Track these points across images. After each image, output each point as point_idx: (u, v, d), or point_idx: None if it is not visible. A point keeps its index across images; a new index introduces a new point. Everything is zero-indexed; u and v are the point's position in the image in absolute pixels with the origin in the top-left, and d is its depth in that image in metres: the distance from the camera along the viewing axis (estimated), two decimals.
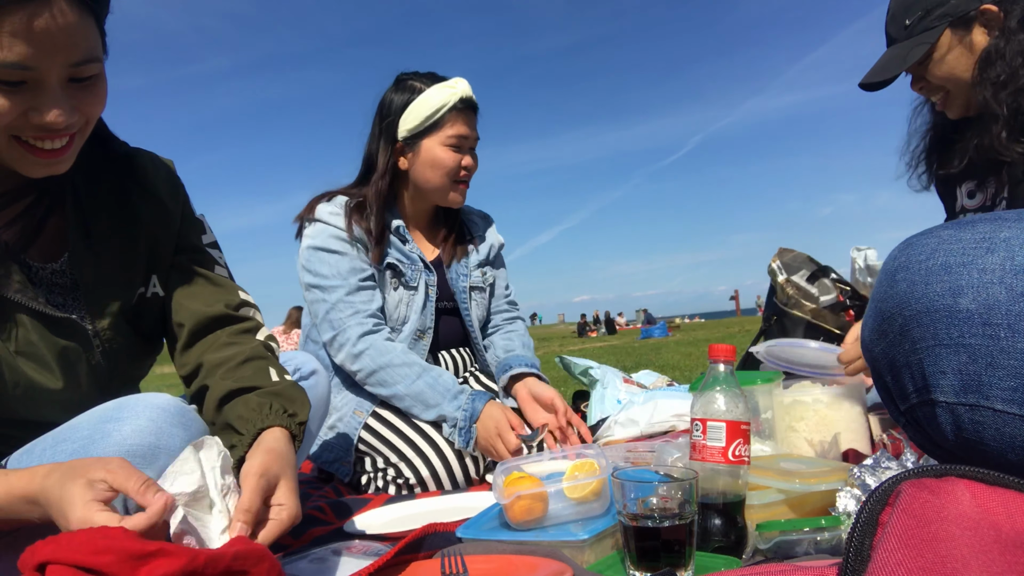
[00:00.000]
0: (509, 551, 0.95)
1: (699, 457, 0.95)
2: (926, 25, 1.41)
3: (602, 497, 1.04)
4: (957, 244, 0.59)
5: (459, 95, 1.72)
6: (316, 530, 1.30)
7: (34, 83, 0.81)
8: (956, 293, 0.57)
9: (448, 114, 1.72)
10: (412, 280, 1.76)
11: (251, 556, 0.72)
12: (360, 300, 1.67)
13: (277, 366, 1.05)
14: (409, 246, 1.79)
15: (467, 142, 1.76)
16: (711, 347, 1.00)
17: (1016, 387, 0.54)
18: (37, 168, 0.88)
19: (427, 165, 1.75)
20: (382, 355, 1.63)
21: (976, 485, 0.51)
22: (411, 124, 1.73)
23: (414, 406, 1.62)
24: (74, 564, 0.65)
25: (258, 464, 0.85)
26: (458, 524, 1.05)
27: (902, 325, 0.60)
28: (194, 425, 0.96)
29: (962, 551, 0.46)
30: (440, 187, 1.77)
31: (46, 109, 0.82)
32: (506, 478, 1.06)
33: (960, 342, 0.57)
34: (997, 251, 0.56)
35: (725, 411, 0.95)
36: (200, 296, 1.09)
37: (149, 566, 0.65)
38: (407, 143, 1.76)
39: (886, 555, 0.47)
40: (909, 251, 0.62)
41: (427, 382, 1.61)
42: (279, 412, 0.93)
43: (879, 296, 0.64)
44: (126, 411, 0.90)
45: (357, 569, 0.87)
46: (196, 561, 0.67)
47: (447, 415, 1.59)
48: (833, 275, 2.48)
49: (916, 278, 0.60)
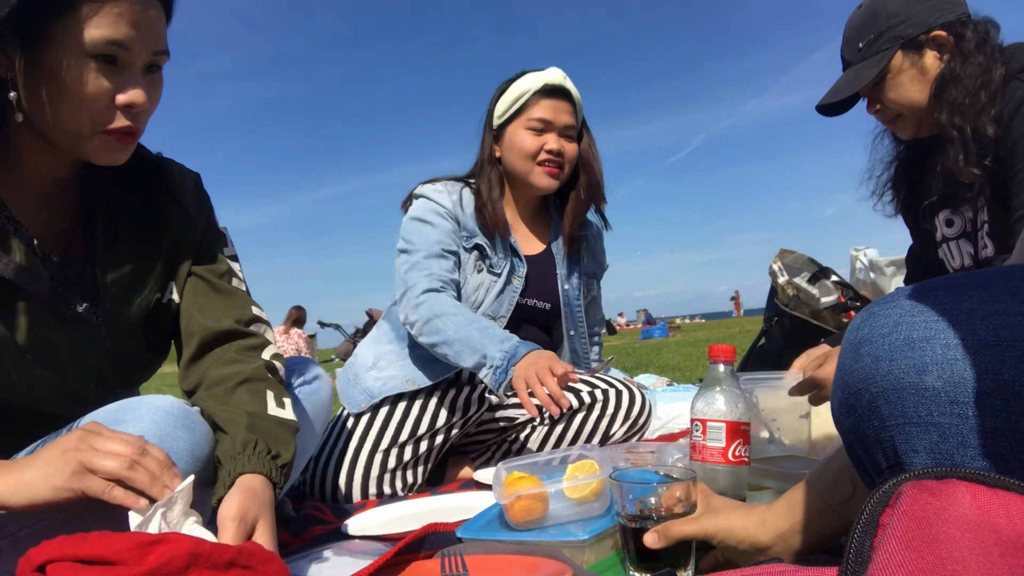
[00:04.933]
0: (509, 551, 0.95)
1: (699, 458, 0.95)
2: (878, 48, 1.43)
3: (602, 497, 1.04)
4: (919, 316, 0.57)
5: (544, 80, 1.72)
6: (316, 530, 1.30)
7: (124, 64, 0.89)
8: (921, 370, 0.56)
9: (531, 98, 1.72)
10: (497, 266, 1.74)
11: (258, 555, 0.72)
12: (437, 266, 1.67)
13: (276, 390, 1.03)
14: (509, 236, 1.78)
15: (552, 126, 1.73)
16: (711, 348, 1.01)
17: (988, 467, 0.54)
18: (107, 156, 0.94)
19: (510, 149, 1.76)
20: (440, 306, 1.59)
21: (976, 487, 0.51)
22: (500, 111, 1.77)
23: (462, 352, 1.53)
24: (77, 559, 0.65)
25: (236, 507, 0.84)
26: (458, 524, 1.05)
27: (869, 401, 0.59)
28: (198, 427, 0.96)
29: (962, 553, 0.46)
30: (524, 171, 1.75)
31: (131, 88, 0.90)
32: (506, 478, 1.06)
33: (929, 420, 0.55)
34: (959, 325, 0.55)
35: (725, 411, 0.95)
36: (212, 309, 1.09)
37: (156, 552, 0.66)
38: (499, 131, 1.79)
39: (887, 556, 0.47)
40: (872, 323, 0.61)
41: (478, 328, 1.54)
42: (262, 454, 0.92)
43: (844, 368, 0.63)
44: (129, 413, 0.89)
45: (357, 569, 0.87)
46: (201, 547, 0.67)
47: (488, 354, 1.50)
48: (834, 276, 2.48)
49: (880, 353, 0.58)
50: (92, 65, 0.87)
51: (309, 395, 1.27)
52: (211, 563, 0.67)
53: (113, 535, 0.68)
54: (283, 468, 0.94)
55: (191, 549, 0.67)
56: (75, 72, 0.86)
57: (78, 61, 0.86)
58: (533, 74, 1.75)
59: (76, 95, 0.87)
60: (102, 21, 0.85)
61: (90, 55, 0.86)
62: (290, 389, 1.23)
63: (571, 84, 1.76)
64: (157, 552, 0.65)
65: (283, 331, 10.04)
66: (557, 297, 1.82)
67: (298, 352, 9.56)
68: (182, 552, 0.66)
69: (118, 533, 0.69)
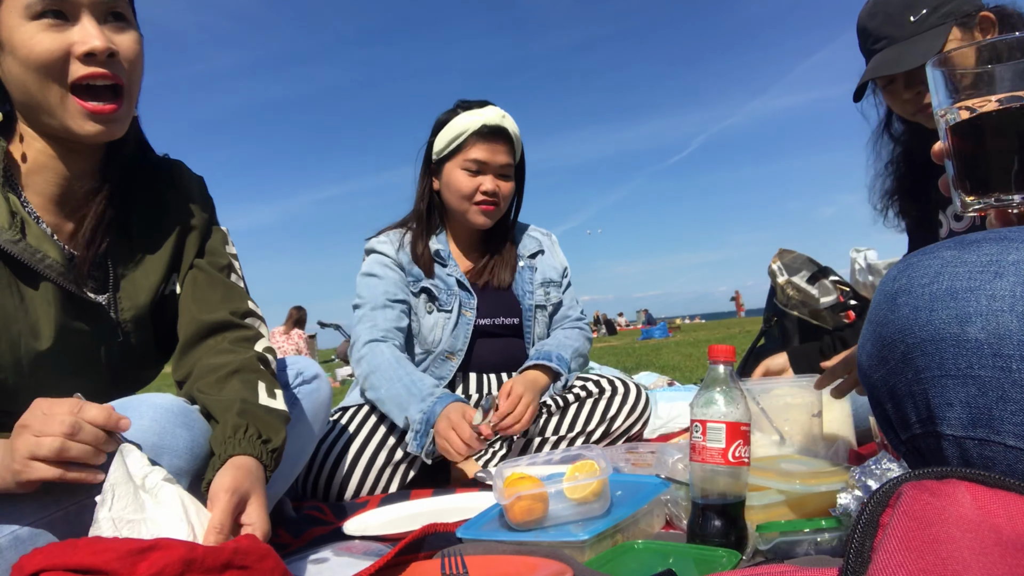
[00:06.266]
0: (509, 551, 0.95)
1: (699, 458, 0.95)
2: (933, 22, 1.40)
3: (602, 497, 1.04)
4: (963, 267, 0.55)
5: (482, 121, 1.74)
6: (316, 530, 1.30)
7: (72, 17, 0.91)
8: (964, 321, 0.53)
9: (469, 139, 1.76)
10: (446, 304, 1.80)
11: (253, 552, 0.71)
12: (381, 316, 1.73)
13: (268, 381, 1.05)
14: (448, 269, 1.83)
15: (488, 167, 1.77)
16: (711, 348, 1.00)
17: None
18: (90, 124, 0.94)
19: (447, 187, 1.82)
20: (376, 360, 1.65)
21: (977, 487, 0.50)
22: (439, 147, 1.81)
23: (392, 411, 1.60)
24: (69, 568, 0.64)
25: (229, 480, 0.86)
26: (458, 524, 1.05)
27: (904, 353, 0.57)
28: (197, 425, 0.96)
29: (963, 553, 0.46)
30: (460, 209, 1.81)
31: (86, 37, 0.91)
32: (506, 478, 1.06)
33: (969, 373, 0.53)
34: (1006, 276, 0.53)
35: (725, 412, 0.95)
36: (208, 300, 1.11)
37: (148, 560, 0.65)
38: (437, 166, 1.83)
39: (887, 557, 0.47)
40: (911, 273, 0.58)
41: (404, 385, 1.59)
42: (252, 438, 0.94)
43: (878, 320, 0.60)
44: (130, 411, 0.90)
45: (357, 569, 0.87)
46: (194, 552, 0.66)
47: (410, 416, 1.55)
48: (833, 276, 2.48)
49: (920, 303, 0.56)
50: (38, 24, 0.89)
51: (308, 394, 1.27)
52: (205, 568, 0.66)
53: (104, 542, 0.67)
54: (273, 452, 0.95)
55: (184, 555, 0.65)
56: (25, 37, 0.89)
57: (25, 27, 0.89)
58: (470, 113, 1.77)
59: (34, 59, 0.89)
60: None
61: (33, 17, 0.88)
62: (288, 389, 1.23)
63: (510, 122, 1.79)
64: (150, 560, 0.64)
65: (284, 331, 10.03)
66: (519, 311, 1.87)
67: (298, 352, 9.57)
68: (175, 559, 0.65)
69: (109, 539, 0.68)
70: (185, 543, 0.69)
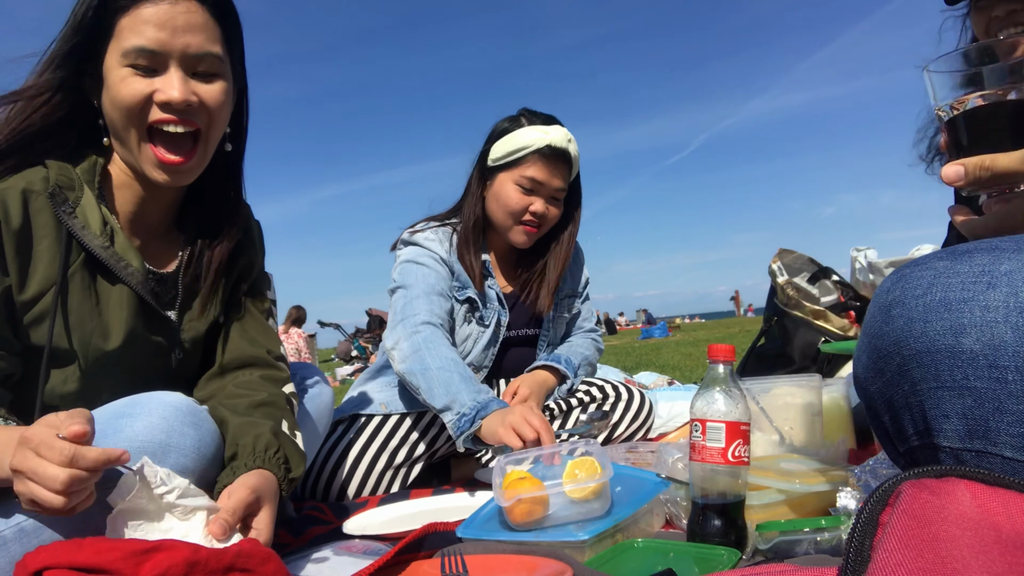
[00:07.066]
0: (509, 551, 0.95)
1: (699, 458, 0.95)
2: None
3: (602, 497, 1.04)
4: (955, 278, 0.55)
5: (548, 141, 1.67)
6: (316, 530, 1.30)
7: (161, 68, 0.98)
8: (958, 332, 0.53)
9: (530, 156, 1.68)
10: (487, 318, 1.75)
11: (256, 555, 0.71)
12: (438, 304, 1.66)
13: (291, 420, 1.10)
14: (490, 281, 1.78)
15: (543, 188, 1.70)
16: (711, 347, 1.00)
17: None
18: (158, 172, 1.03)
19: (495, 198, 1.74)
20: (435, 340, 1.57)
21: (976, 485, 0.50)
22: (496, 154, 1.73)
23: (435, 387, 1.50)
24: (73, 566, 0.64)
25: (253, 480, 0.91)
26: (458, 524, 1.05)
27: (900, 364, 0.57)
28: (205, 425, 0.97)
29: (963, 551, 0.46)
30: (503, 224, 1.74)
31: (167, 86, 0.98)
32: (506, 478, 1.06)
33: (964, 385, 0.53)
34: (999, 286, 0.52)
35: (725, 412, 0.95)
36: (249, 335, 1.19)
37: (152, 561, 0.65)
38: (490, 172, 1.76)
39: (886, 555, 0.47)
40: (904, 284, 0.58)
41: (460, 373, 1.51)
42: (280, 460, 0.99)
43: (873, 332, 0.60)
44: (139, 408, 0.91)
45: (357, 569, 0.87)
46: (198, 554, 0.67)
47: (459, 400, 1.46)
48: (834, 276, 2.48)
49: (914, 315, 0.56)
50: (131, 69, 0.97)
51: (311, 399, 1.30)
52: (209, 570, 0.66)
53: (109, 542, 0.67)
54: (291, 482, 1.01)
55: (188, 557, 0.66)
56: (117, 79, 0.97)
57: (119, 70, 0.97)
58: (536, 129, 1.69)
59: (119, 100, 0.98)
60: (133, 30, 0.96)
61: (128, 64, 0.97)
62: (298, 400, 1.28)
63: (574, 147, 1.73)
64: (153, 561, 0.65)
65: (283, 330, 10.04)
66: (541, 321, 1.85)
67: (298, 351, 9.57)
68: (179, 561, 0.65)
69: (114, 540, 0.68)
70: (189, 545, 0.69)
